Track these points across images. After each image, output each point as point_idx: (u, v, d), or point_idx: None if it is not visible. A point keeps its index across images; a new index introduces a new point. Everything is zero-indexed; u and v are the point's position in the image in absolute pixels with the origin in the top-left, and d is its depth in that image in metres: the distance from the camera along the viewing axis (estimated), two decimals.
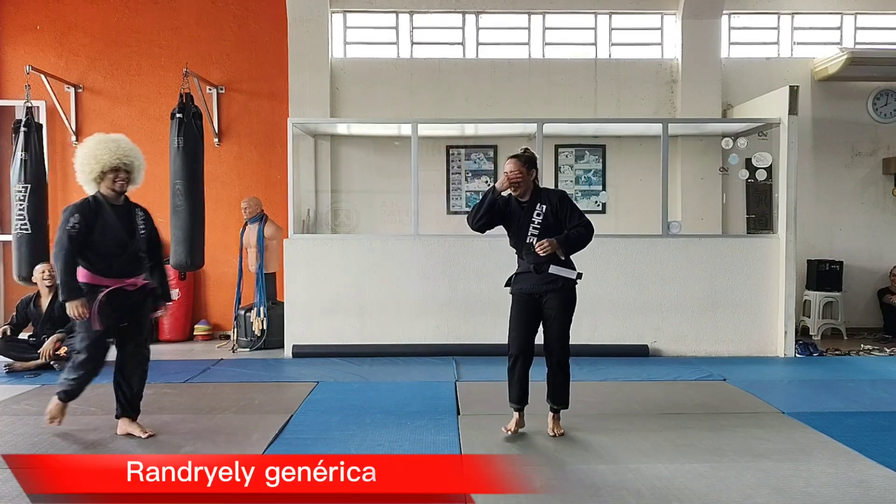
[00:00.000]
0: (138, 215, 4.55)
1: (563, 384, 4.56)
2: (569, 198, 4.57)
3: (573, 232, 4.42)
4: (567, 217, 4.45)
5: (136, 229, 4.47)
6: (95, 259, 4.34)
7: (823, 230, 8.73)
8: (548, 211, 4.43)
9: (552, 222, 4.43)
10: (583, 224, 4.45)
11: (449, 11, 8.70)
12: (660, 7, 8.67)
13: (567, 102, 8.59)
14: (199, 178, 7.31)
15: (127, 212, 4.48)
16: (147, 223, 4.57)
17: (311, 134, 8.34)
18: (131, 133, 8.51)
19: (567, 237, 4.41)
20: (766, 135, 7.69)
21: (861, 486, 3.70)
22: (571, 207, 4.49)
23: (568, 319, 4.53)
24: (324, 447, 4.31)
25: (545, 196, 4.50)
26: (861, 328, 8.65)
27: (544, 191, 4.57)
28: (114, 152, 4.34)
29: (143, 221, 4.54)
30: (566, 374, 4.57)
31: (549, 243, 4.34)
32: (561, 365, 4.53)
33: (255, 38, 8.63)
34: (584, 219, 4.48)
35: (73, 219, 4.27)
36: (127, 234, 4.41)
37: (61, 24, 8.61)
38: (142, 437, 4.43)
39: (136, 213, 4.55)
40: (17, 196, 7.54)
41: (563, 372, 4.55)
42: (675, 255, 7.26)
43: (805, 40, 8.88)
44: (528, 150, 4.52)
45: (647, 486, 3.69)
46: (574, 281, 4.51)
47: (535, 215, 4.44)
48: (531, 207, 4.46)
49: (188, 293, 8.40)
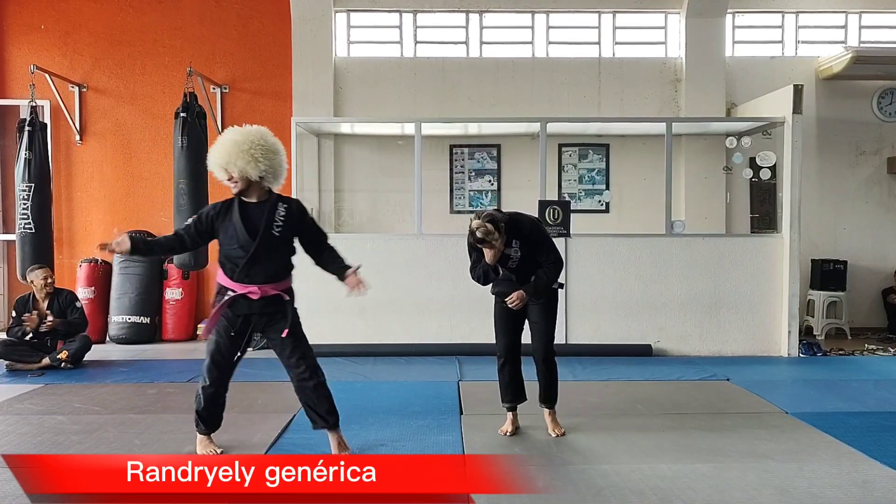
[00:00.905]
0: (279, 213, 4.00)
1: (550, 382, 4.56)
2: (539, 230, 4.41)
3: (542, 276, 4.31)
4: (538, 251, 4.33)
5: (266, 229, 3.95)
6: (223, 260, 4.04)
7: (827, 229, 8.70)
8: (521, 247, 4.30)
9: (526, 252, 4.32)
10: (550, 262, 4.33)
11: (452, 10, 8.69)
12: (663, 6, 8.65)
13: (570, 101, 8.58)
14: (202, 177, 7.30)
15: (263, 211, 3.97)
16: (287, 221, 4.00)
17: (314, 133, 8.34)
18: (135, 132, 8.67)
19: (535, 286, 4.32)
20: (770, 134, 7.67)
21: (864, 486, 3.69)
22: (541, 242, 4.35)
23: (552, 320, 4.53)
24: (326, 447, 4.30)
25: (517, 231, 4.29)
26: (865, 328, 8.63)
27: (514, 227, 4.29)
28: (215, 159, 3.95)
29: (281, 219, 3.98)
30: (553, 372, 4.56)
31: (518, 297, 4.29)
32: (547, 363, 4.53)
33: (258, 38, 8.64)
34: (553, 256, 4.35)
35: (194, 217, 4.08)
36: (250, 236, 3.94)
37: (65, 23, 8.63)
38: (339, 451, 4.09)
39: (278, 211, 4.00)
40: (21, 195, 7.56)
41: (549, 370, 4.54)
42: (678, 254, 7.25)
43: (809, 39, 8.86)
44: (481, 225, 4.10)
45: (650, 486, 3.68)
46: (556, 288, 4.49)
47: (513, 252, 4.30)
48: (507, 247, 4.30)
49: (191, 292, 8.41)
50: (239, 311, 4.02)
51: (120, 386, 5.93)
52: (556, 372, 4.60)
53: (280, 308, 4.06)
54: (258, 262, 3.94)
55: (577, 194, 8.61)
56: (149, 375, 6.32)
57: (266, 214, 3.96)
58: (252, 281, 3.97)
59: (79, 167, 8.67)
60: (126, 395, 5.59)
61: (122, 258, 8.26)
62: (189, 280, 8.32)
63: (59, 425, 4.76)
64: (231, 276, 3.99)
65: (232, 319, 4.04)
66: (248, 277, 3.96)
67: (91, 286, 8.21)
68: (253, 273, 3.96)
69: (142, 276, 8.23)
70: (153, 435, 4.55)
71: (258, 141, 3.90)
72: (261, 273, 3.97)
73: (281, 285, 4.06)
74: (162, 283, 8.35)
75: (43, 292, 6.65)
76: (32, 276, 6.69)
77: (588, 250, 7.25)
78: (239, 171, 3.88)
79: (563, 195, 8.52)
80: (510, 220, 4.29)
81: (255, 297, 3.97)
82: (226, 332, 4.06)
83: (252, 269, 3.95)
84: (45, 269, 6.72)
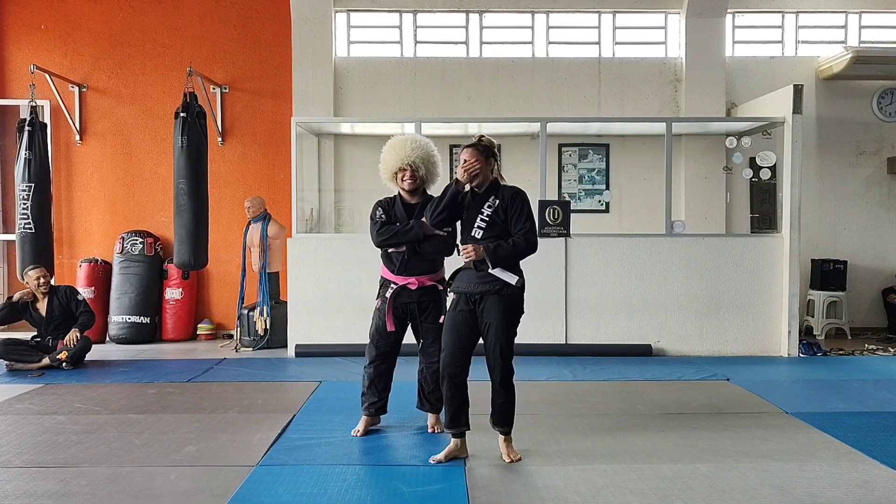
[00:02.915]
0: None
1: (504, 405, 4.09)
2: (523, 198, 4.07)
3: (508, 242, 3.96)
4: (514, 219, 4.01)
5: None
6: (385, 255, 4.51)
7: (827, 229, 8.71)
8: (499, 206, 4.01)
9: (500, 220, 4.01)
10: (523, 234, 3.97)
11: (452, 11, 8.69)
12: (663, 6, 8.66)
13: (571, 101, 8.58)
14: (202, 177, 7.31)
15: (417, 210, 4.44)
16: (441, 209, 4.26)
17: (314, 133, 8.34)
18: (135, 132, 8.68)
19: (497, 247, 3.95)
20: (770, 134, 7.67)
21: (865, 486, 3.69)
22: (521, 209, 4.02)
23: (510, 332, 4.03)
24: (326, 448, 4.31)
25: (501, 191, 4.07)
26: (865, 328, 8.63)
27: (503, 186, 4.12)
28: (398, 154, 4.44)
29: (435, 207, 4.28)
30: (509, 395, 4.09)
31: (474, 249, 3.96)
32: (504, 384, 4.06)
33: (258, 38, 8.64)
34: (528, 227, 3.99)
35: (378, 211, 4.50)
36: None
37: (65, 23, 8.63)
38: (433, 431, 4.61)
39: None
40: (21, 195, 7.56)
41: (505, 392, 4.07)
42: (678, 254, 7.25)
43: (809, 39, 8.86)
44: (483, 138, 4.11)
45: (650, 486, 3.68)
46: (517, 287, 4.03)
47: (486, 207, 4.02)
48: (483, 200, 4.05)
49: (191, 292, 8.41)
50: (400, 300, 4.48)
51: (120, 386, 5.94)
52: (514, 395, 4.12)
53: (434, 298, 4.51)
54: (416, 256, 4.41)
55: (577, 194, 8.61)
56: (149, 375, 6.32)
57: (419, 213, 4.41)
58: (410, 273, 4.43)
59: (79, 167, 8.67)
60: (126, 395, 5.60)
61: (122, 258, 8.27)
62: (189, 280, 8.32)
63: (59, 425, 4.76)
64: (392, 270, 4.46)
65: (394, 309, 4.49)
66: (407, 271, 4.43)
67: (91, 286, 8.22)
68: (411, 266, 4.43)
69: (142, 276, 8.23)
70: (153, 435, 4.55)
71: (433, 150, 4.52)
72: (417, 266, 4.44)
73: (435, 276, 4.51)
74: (162, 283, 8.35)
75: (38, 292, 6.67)
76: (27, 277, 6.73)
77: (588, 250, 7.25)
78: (423, 172, 4.43)
79: (563, 195, 8.52)
80: (503, 183, 4.14)
81: (413, 287, 4.43)
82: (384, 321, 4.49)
83: (410, 262, 4.42)
84: (39, 270, 6.74)
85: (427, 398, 4.60)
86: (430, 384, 4.53)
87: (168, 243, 8.39)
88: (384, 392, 4.61)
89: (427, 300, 4.49)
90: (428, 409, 4.63)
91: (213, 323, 8.51)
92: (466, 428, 4.14)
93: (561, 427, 4.72)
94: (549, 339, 7.18)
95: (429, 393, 4.57)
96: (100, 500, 3.52)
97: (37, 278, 6.66)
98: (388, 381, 4.63)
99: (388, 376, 4.62)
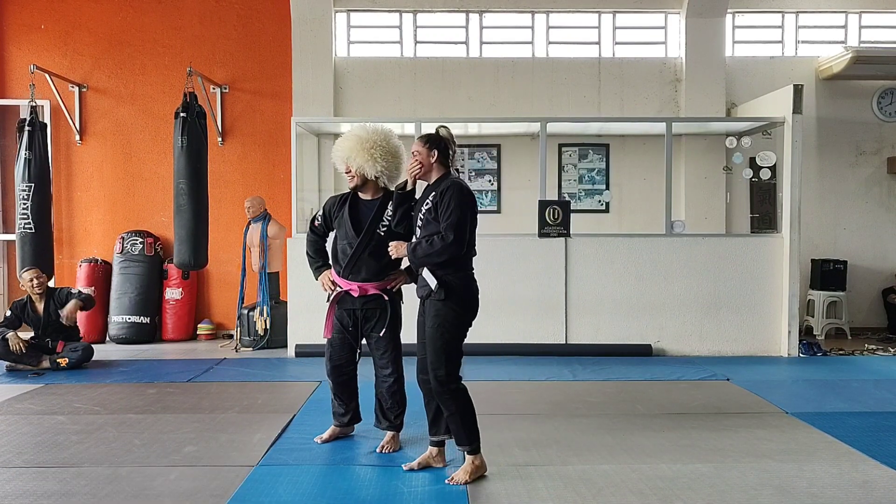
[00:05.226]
0: (387, 213, 4.06)
1: (450, 418, 3.73)
2: (453, 191, 3.68)
3: (427, 241, 3.67)
4: (441, 215, 3.67)
5: (371, 227, 4.05)
6: (335, 254, 4.20)
7: (827, 229, 8.71)
8: (436, 203, 3.71)
9: (434, 217, 3.72)
10: (442, 230, 3.63)
11: (452, 11, 8.69)
12: (663, 6, 8.65)
13: (570, 101, 8.58)
14: (202, 177, 7.31)
15: (373, 209, 4.09)
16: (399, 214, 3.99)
17: (314, 133, 8.34)
18: (135, 132, 8.67)
19: (416, 246, 3.71)
20: (770, 134, 7.67)
21: (865, 486, 3.69)
22: (448, 204, 3.65)
23: (438, 340, 3.67)
24: (326, 448, 4.31)
25: (438, 184, 3.79)
26: (865, 328, 8.63)
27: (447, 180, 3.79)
28: (338, 152, 4.10)
29: (388, 219, 4.05)
30: (450, 407, 3.69)
31: (395, 247, 3.85)
32: (439, 396, 3.70)
33: (258, 38, 8.64)
34: (448, 223, 3.61)
35: (319, 213, 4.28)
36: (355, 231, 4.07)
37: (65, 23, 8.63)
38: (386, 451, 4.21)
39: (387, 211, 4.07)
40: (21, 195, 7.56)
41: (444, 404, 3.71)
42: (678, 254, 7.25)
43: (809, 39, 8.86)
44: (440, 129, 3.85)
45: (650, 486, 3.68)
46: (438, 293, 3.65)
47: (425, 203, 3.77)
48: (426, 195, 3.82)
49: (191, 292, 8.41)
50: (345, 307, 4.18)
51: (120, 386, 5.94)
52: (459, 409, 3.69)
53: (381, 306, 4.15)
54: (360, 259, 4.07)
55: (577, 194, 8.61)
56: (149, 375, 6.32)
57: (375, 212, 4.08)
58: (355, 278, 4.10)
59: (79, 167, 8.67)
60: (126, 395, 5.60)
61: (122, 258, 8.26)
62: (189, 280, 8.32)
63: (59, 425, 4.76)
64: (339, 271, 4.15)
65: (339, 315, 4.21)
66: (352, 274, 4.10)
67: (91, 286, 8.20)
68: (356, 270, 4.08)
69: (142, 276, 8.23)
70: (153, 435, 4.55)
71: (381, 142, 4.05)
72: (362, 270, 4.08)
73: (382, 284, 4.13)
74: (162, 282, 8.35)
75: (33, 293, 6.65)
76: (21, 278, 6.73)
77: (588, 250, 7.25)
78: (357, 167, 4.04)
79: (563, 195, 8.52)
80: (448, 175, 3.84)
81: (355, 294, 4.11)
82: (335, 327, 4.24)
83: (356, 265, 4.08)
84: (34, 271, 6.71)
85: (385, 415, 4.28)
86: (388, 399, 4.24)
87: (168, 243, 8.39)
88: (350, 402, 4.40)
89: (373, 308, 4.15)
90: (385, 426, 4.28)
91: (213, 323, 8.51)
92: (447, 436, 3.88)
93: (561, 427, 4.72)
94: (549, 339, 7.18)
95: (387, 409, 4.26)
96: (100, 500, 3.52)
97: (31, 279, 6.64)
98: (353, 391, 4.39)
99: (350, 386, 4.37)
